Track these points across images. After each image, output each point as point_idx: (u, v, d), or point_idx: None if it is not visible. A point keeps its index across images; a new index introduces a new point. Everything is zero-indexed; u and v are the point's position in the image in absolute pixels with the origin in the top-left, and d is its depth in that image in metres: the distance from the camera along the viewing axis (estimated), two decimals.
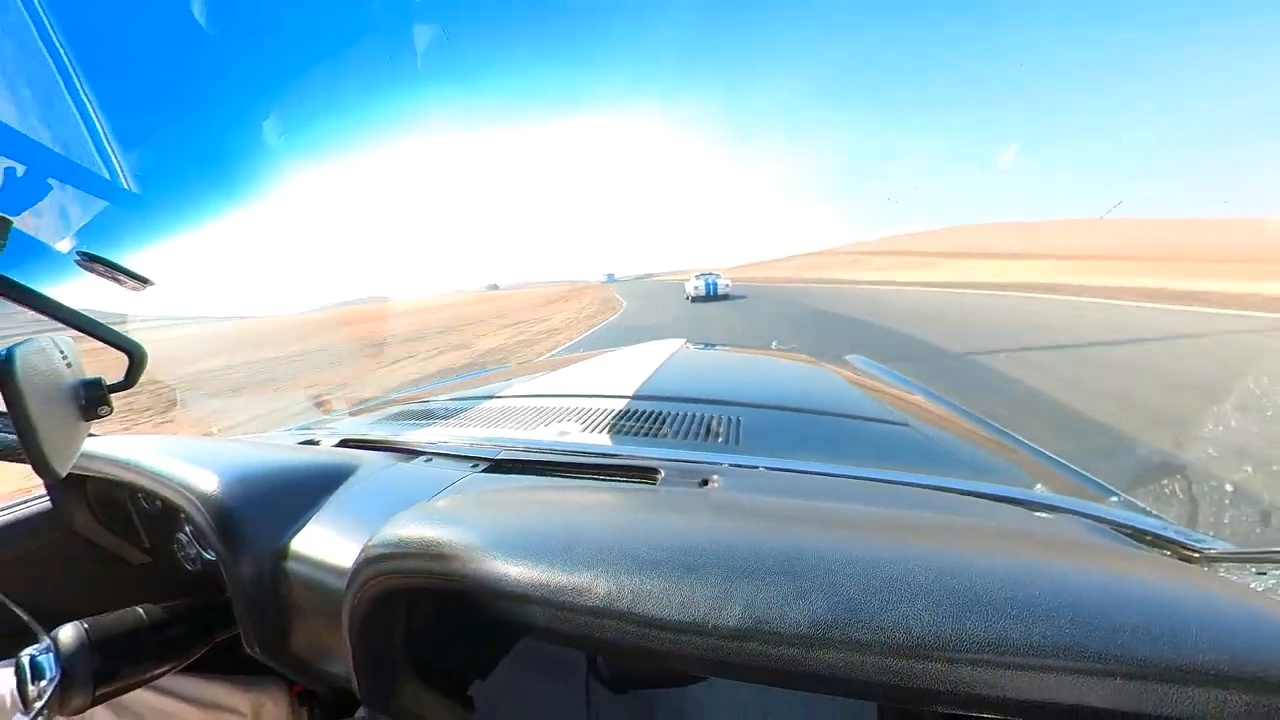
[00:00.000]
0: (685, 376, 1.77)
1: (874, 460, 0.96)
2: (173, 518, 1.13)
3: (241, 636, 0.88)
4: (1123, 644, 0.37)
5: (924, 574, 0.44)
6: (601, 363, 1.97)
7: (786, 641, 0.42)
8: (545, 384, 1.72)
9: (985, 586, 0.42)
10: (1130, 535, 0.74)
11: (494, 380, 2.03)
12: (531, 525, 0.62)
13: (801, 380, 1.80)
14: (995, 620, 0.39)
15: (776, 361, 2.12)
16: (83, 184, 0.80)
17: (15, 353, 0.60)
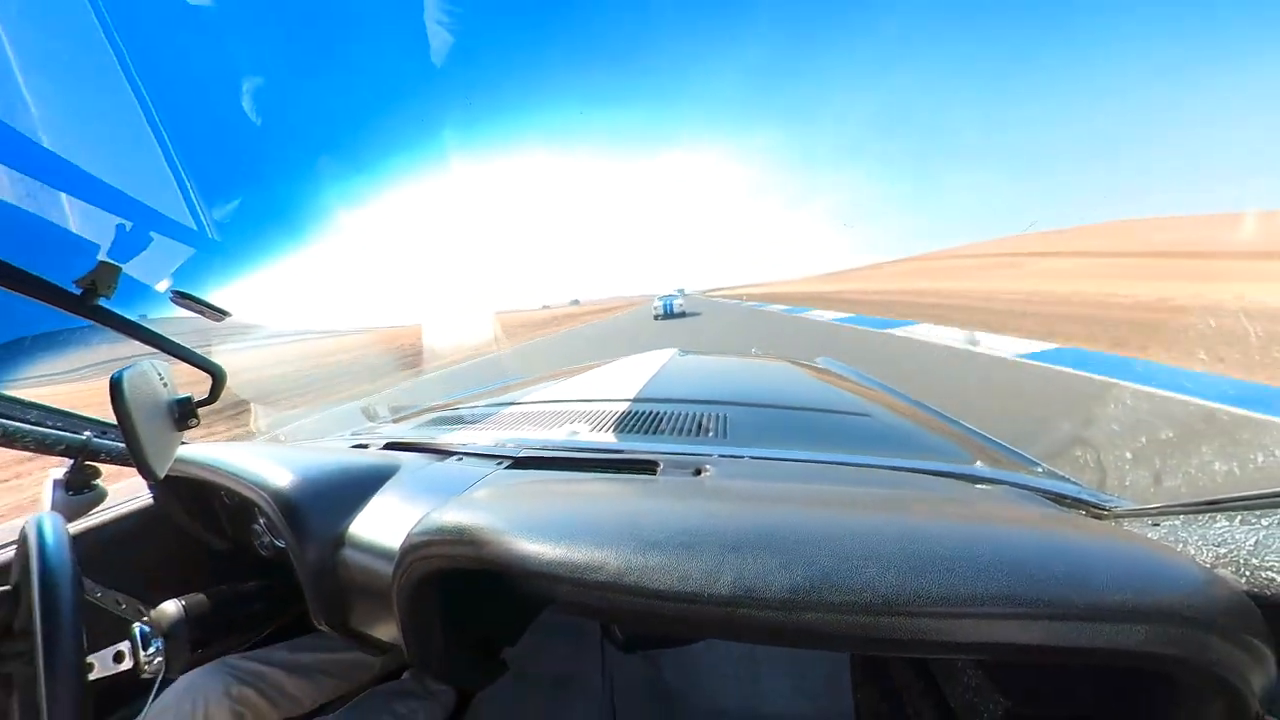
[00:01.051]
0: (678, 380, 1.78)
1: (842, 447, 0.97)
2: (249, 512, 1.13)
3: (309, 611, 0.89)
4: (1050, 591, 0.39)
5: (885, 542, 0.46)
6: (605, 371, 1.97)
7: (771, 606, 0.43)
8: (557, 391, 1.73)
9: (936, 549, 0.44)
10: (1053, 499, 0.75)
11: (514, 389, 2.04)
12: (550, 513, 0.62)
13: (780, 380, 1.81)
14: (946, 577, 0.41)
15: (758, 365, 2.13)
16: (176, 235, 0.85)
17: (123, 376, 0.62)
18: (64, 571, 0.63)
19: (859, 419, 1.23)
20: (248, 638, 0.97)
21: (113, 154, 0.75)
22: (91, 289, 0.61)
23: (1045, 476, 0.91)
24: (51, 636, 0.58)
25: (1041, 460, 1.03)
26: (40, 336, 0.90)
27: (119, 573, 0.92)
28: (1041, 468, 0.97)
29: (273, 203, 1.29)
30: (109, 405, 0.67)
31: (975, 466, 0.89)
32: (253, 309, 2.66)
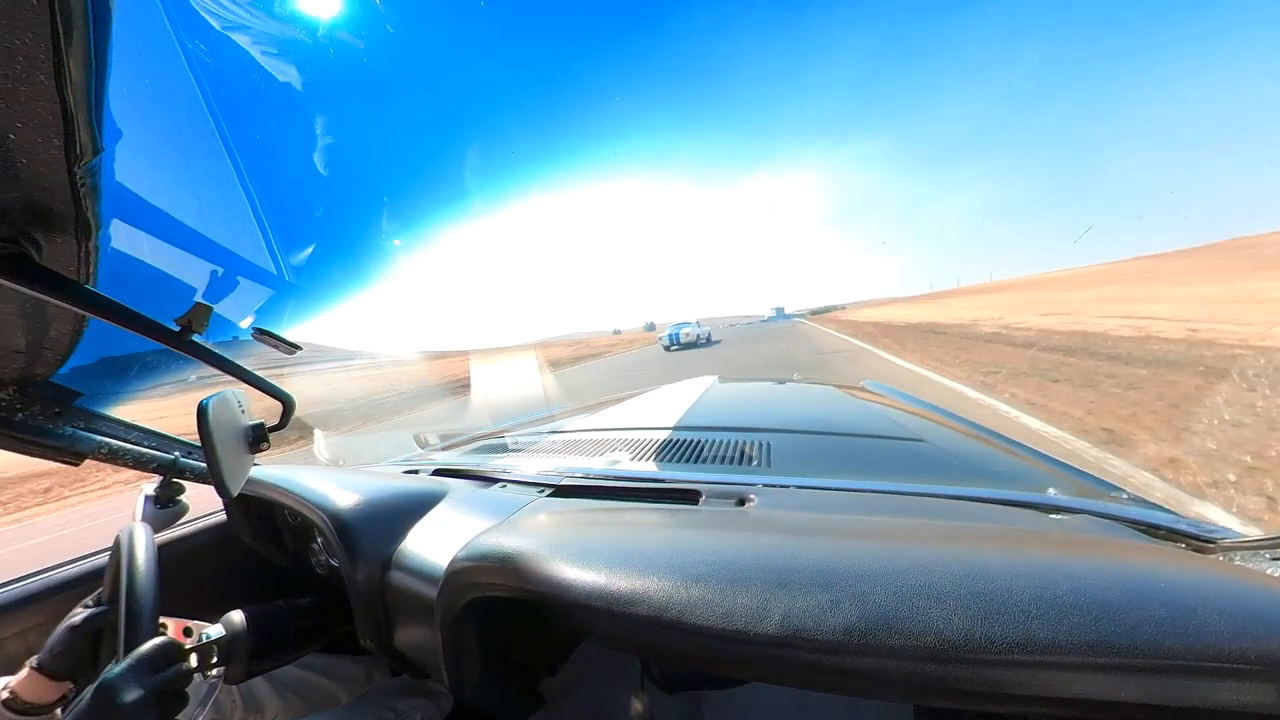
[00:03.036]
0: (720, 408, 1.74)
1: (894, 475, 0.90)
2: (309, 531, 1.19)
3: (357, 630, 0.91)
4: (1150, 638, 0.33)
5: (949, 580, 0.41)
6: (646, 399, 1.97)
7: (823, 649, 0.39)
8: (599, 420, 1.73)
9: (1008, 588, 0.39)
10: (1143, 530, 0.66)
11: (557, 418, 2.07)
12: (591, 543, 0.61)
13: (825, 406, 1.73)
14: (1021, 620, 0.36)
15: (800, 390, 2.05)
16: (258, 279, 0.98)
17: (208, 404, 0.68)
18: (148, 578, 0.70)
19: (912, 444, 1.15)
20: (300, 653, 1.00)
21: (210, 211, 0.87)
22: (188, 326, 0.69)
23: (1132, 504, 0.80)
24: (132, 630, 0.65)
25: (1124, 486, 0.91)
26: (144, 366, 1.02)
27: (193, 581, 0.98)
28: (1126, 494, 0.86)
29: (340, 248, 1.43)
30: (174, 413, 0.75)
31: (1048, 494, 0.79)
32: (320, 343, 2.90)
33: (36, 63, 0.29)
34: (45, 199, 0.43)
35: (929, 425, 1.38)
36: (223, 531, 1.36)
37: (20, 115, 0.33)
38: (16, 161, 0.38)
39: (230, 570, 1.36)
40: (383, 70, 1.41)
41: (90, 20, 0.28)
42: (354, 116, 1.50)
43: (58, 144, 0.36)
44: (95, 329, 0.77)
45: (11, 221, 0.45)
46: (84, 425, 1.02)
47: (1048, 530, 0.65)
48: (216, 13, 0.84)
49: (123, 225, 0.63)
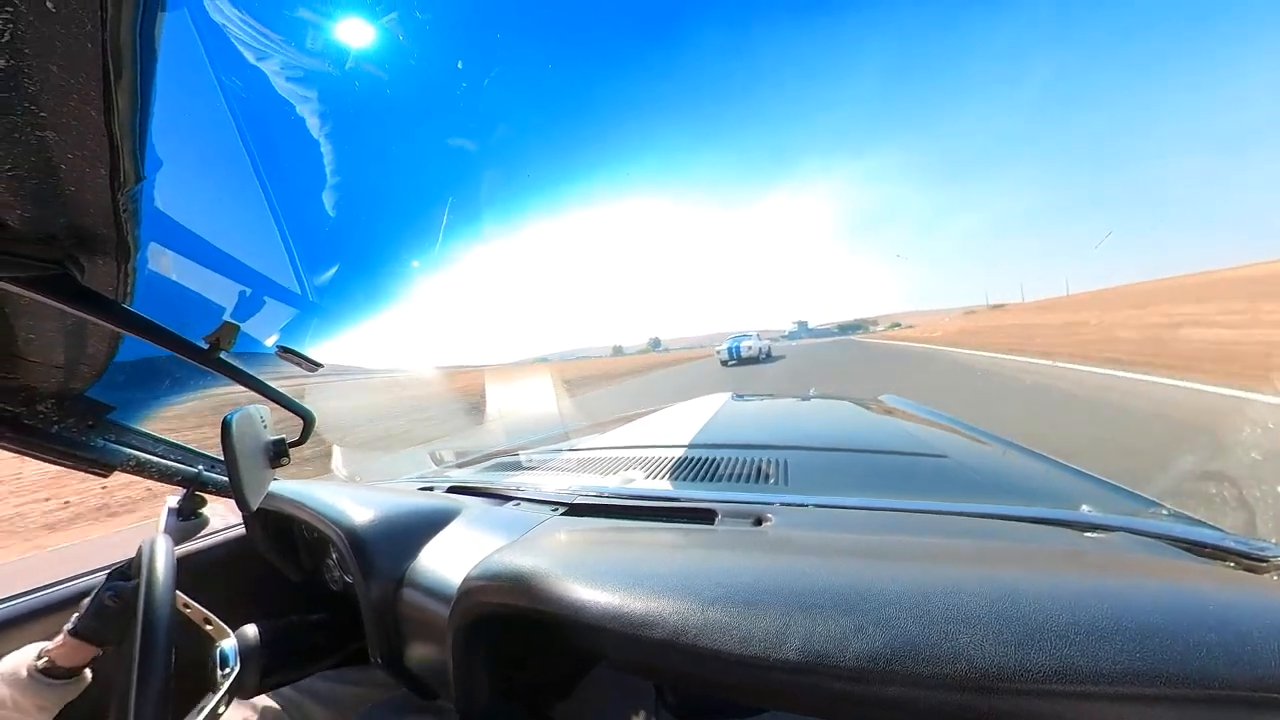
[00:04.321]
0: (735, 425, 1.72)
1: (917, 492, 0.88)
2: (324, 546, 1.20)
3: (368, 648, 0.91)
4: (1199, 665, 0.30)
5: (979, 603, 0.39)
6: (659, 417, 1.96)
7: (846, 676, 0.38)
8: (613, 438, 1.73)
9: (1043, 612, 0.37)
10: (1187, 548, 0.62)
11: (571, 436, 2.07)
12: (604, 563, 0.60)
13: (842, 421, 1.69)
14: (1059, 647, 0.34)
15: (817, 406, 2.01)
16: (284, 299, 1.03)
17: (232, 419, 0.70)
18: (166, 589, 0.74)
19: (935, 460, 1.12)
20: (312, 669, 1.00)
21: (240, 234, 0.93)
22: (216, 344, 0.71)
23: (1173, 520, 0.76)
24: (148, 639, 0.67)
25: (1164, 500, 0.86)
26: (174, 382, 1.06)
27: (211, 593, 0.99)
28: (1166, 509, 0.81)
29: (362, 269, 1.49)
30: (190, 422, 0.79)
31: (1082, 511, 0.75)
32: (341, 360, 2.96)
33: (88, 99, 0.31)
34: (90, 223, 0.46)
35: (951, 439, 1.34)
36: (241, 545, 1.38)
37: (71, 146, 0.35)
38: (66, 189, 0.40)
39: (247, 584, 1.37)
40: (405, 98, 1.50)
41: (138, 60, 0.30)
42: (377, 144, 1.58)
43: (104, 172, 0.39)
44: (129, 345, 0.80)
45: (58, 244, 0.48)
46: (114, 438, 1.05)
47: (1083, 550, 0.62)
48: (252, 46, 0.90)
49: (159, 248, 0.67)
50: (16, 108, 0.31)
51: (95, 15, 0.26)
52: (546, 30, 49.14)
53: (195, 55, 0.67)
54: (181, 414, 1.16)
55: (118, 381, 0.95)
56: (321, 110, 1.03)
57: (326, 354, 1.05)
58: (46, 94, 0.30)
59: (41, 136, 0.34)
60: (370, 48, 1.19)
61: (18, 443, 0.90)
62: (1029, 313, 45.66)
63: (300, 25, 0.99)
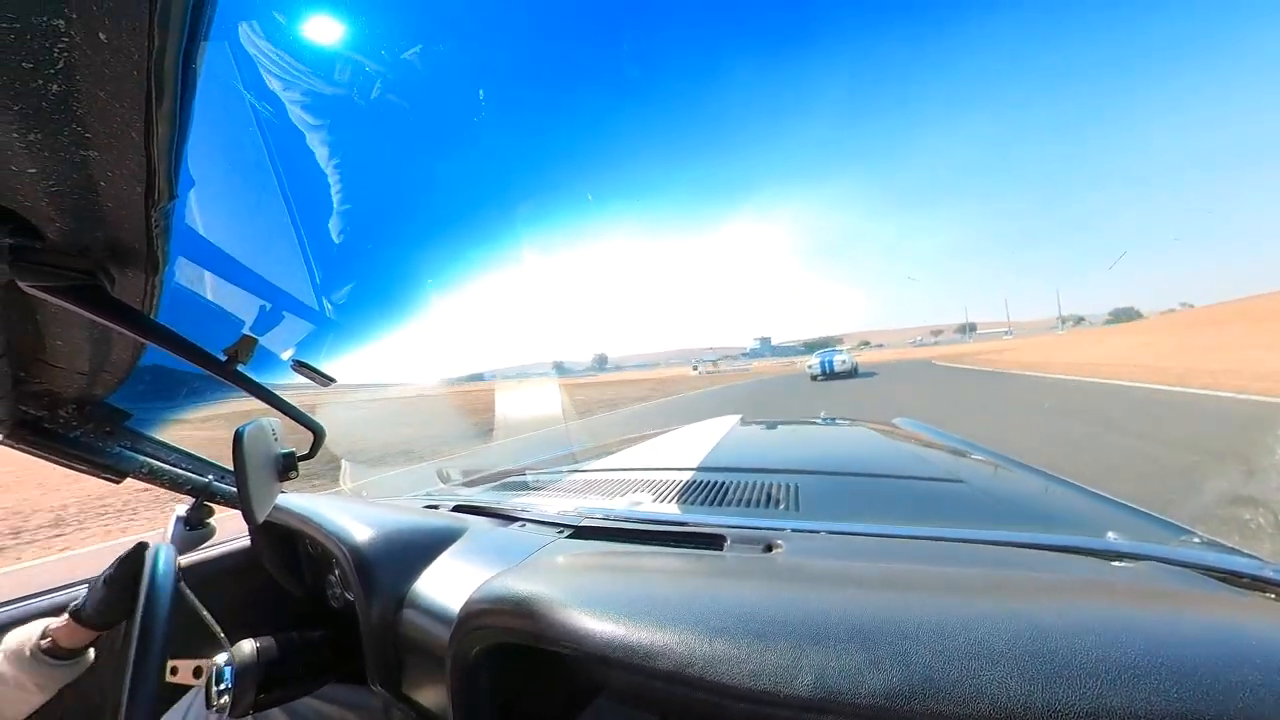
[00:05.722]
0: (744, 449, 1.70)
1: (933, 519, 0.85)
2: (327, 562, 1.20)
3: (366, 669, 0.89)
4: (1243, 706, 0.28)
5: (1002, 637, 0.37)
6: (667, 440, 1.94)
7: (861, 713, 0.36)
8: (620, 459, 1.71)
9: (1072, 647, 0.35)
10: (1223, 579, 0.58)
11: (578, 456, 2.06)
12: (609, 590, 0.59)
13: (854, 446, 1.66)
14: (1089, 684, 0.32)
15: (828, 430, 1.97)
16: (301, 314, 1.06)
17: (244, 431, 0.71)
18: (164, 598, 0.76)
19: (951, 485, 1.08)
20: (309, 689, 0.99)
21: (263, 251, 0.96)
22: (234, 356, 0.73)
23: (1207, 548, 0.72)
24: (143, 642, 0.70)
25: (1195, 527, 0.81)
26: (190, 392, 1.09)
27: (212, 604, 0.99)
28: (1199, 537, 0.77)
29: (376, 288, 1.56)
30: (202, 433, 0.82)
31: (1108, 539, 0.72)
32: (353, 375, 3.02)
33: (130, 122, 0.33)
34: (123, 238, 0.48)
35: (968, 464, 1.30)
36: (245, 557, 1.38)
37: (112, 166, 0.37)
38: (104, 205, 0.42)
39: (249, 596, 1.37)
40: (417, 129, 1.61)
41: (178, 86, 0.32)
42: (391, 171, 1.67)
43: (140, 190, 0.41)
44: (149, 355, 0.83)
45: (92, 257, 0.50)
46: (130, 445, 1.07)
47: (1111, 580, 0.59)
48: (281, 75, 0.96)
49: (185, 262, 0.70)
50: (64, 129, 0.33)
51: (143, 45, 0.28)
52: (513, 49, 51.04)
53: (230, 82, 0.72)
54: (195, 424, 1.18)
55: (136, 390, 0.97)
56: (343, 137, 1.09)
57: (340, 369, 1.07)
58: (92, 116, 0.32)
59: (85, 155, 0.36)
60: (392, 78, 1.26)
61: (38, 446, 0.92)
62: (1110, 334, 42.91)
63: (326, 57, 1.06)
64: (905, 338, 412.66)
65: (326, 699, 1.13)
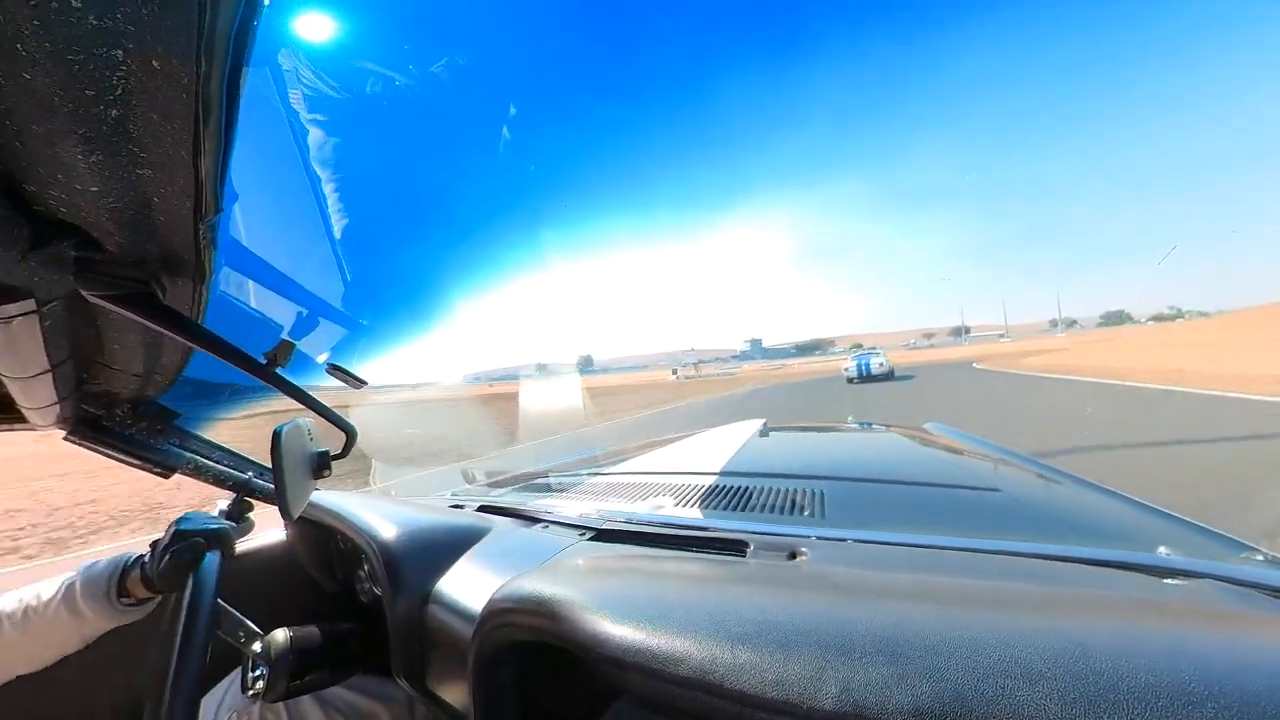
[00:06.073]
0: (768, 453, 1.68)
1: (966, 529, 0.81)
2: (357, 558, 1.24)
3: (392, 663, 0.92)
4: None
5: (1040, 656, 0.35)
6: (690, 443, 1.93)
7: None
8: (643, 462, 1.71)
9: (1118, 670, 0.33)
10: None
11: (600, 459, 2.07)
12: (629, 594, 0.59)
13: (882, 451, 1.61)
14: (1138, 711, 0.30)
15: (855, 435, 1.92)
16: (335, 319, 1.11)
17: (282, 431, 0.75)
18: (210, 592, 0.82)
19: (986, 494, 1.04)
20: (338, 678, 1.03)
21: (301, 261, 1.02)
22: (273, 360, 0.77)
23: (1269, 565, 0.67)
24: (190, 623, 0.76)
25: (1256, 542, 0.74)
26: (232, 393, 1.15)
27: (248, 596, 1.04)
28: (1263, 554, 0.71)
29: (403, 295, 1.63)
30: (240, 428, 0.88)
31: (1159, 554, 0.67)
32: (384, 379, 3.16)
33: (181, 142, 0.36)
34: (174, 249, 0.52)
35: (1004, 472, 1.25)
36: (281, 551, 1.44)
37: (164, 183, 0.40)
38: (157, 219, 0.45)
39: (284, 588, 1.43)
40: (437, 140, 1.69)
41: (223, 107, 0.34)
42: (418, 181, 1.74)
43: (189, 205, 0.43)
44: (197, 358, 0.88)
45: (146, 267, 0.54)
46: (178, 443, 1.14)
47: (1162, 599, 0.56)
48: (315, 94, 1.02)
49: (229, 271, 0.74)
50: (122, 150, 0.35)
51: (192, 71, 0.30)
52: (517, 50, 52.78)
53: (269, 101, 0.77)
54: (236, 423, 1.25)
55: (184, 391, 1.03)
56: (371, 151, 1.15)
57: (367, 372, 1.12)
58: (147, 138, 0.35)
59: (140, 174, 0.38)
60: (409, 92, 1.32)
61: (97, 441, 0.99)
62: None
63: (356, 75, 1.13)
64: (897, 340, 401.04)
65: (355, 689, 1.18)
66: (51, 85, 0.29)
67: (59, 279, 0.48)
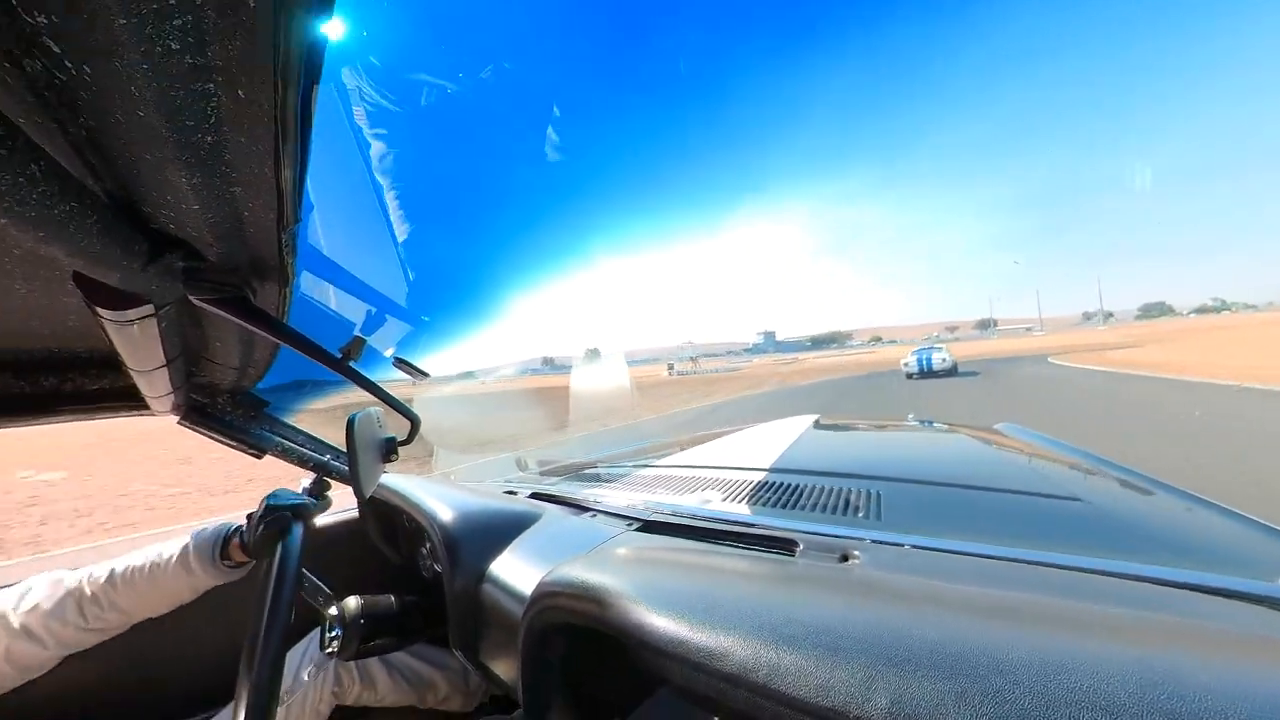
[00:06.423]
0: (820, 450, 1.61)
1: (1040, 541, 0.74)
2: (420, 536, 1.34)
3: (449, 635, 0.99)
4: None
5: (1124, 688, 0.32)
6: (739, 438, 1.90)
7: None
8: (691, 456, 1.71)
9: (1220, 713, 0.29)
10: None
11: (649, 452, 2.09)
12: (674, 586, 0.60)
13: (947, 452, 1.51)
14: None
15: (916, 434, 1.79)
16: (400, 316, 1.22)
17: (355, 418, 0.82)
18: (294, 559, 0.91)
19: (1066, 503, 0.94)
20: (403, 644, 1.15)
21: (368, 263, 1.12)
22: (346, 354, 0.84)
23: None
24: (276, 594, 0.85)
25: None
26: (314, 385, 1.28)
27: (325, 566, 1.16)
28: None
29: (466, 293, 1.74)
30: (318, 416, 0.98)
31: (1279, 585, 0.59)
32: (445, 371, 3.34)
33: (264, 160, 0.39)
34: (262, 256, 0.57)
35: (1088, 479, 1.13)
36: (354, 527, 1.59)
37: (251, 198, 0.45)
38: (247, 231, 0.51)
39: (356, 560, 1.58)
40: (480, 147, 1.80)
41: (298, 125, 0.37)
42: (469, 189, 1.84)
43: (272, 217, 0.48)
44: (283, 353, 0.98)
45: (240, 274, 0.60)
46: (269, 428, 1.27)
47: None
48: (375, 107, 1.10)
49: (308, 275, 0.82)
50: (217, 172, 0.40)
51: (270, 95, 0.33)
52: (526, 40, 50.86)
53: (336, 117, 0.84)
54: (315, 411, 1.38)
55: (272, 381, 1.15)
56: (429, 159, 1.22)
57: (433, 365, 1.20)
58: (236, 159, 0.39)
59: (232, 192, 0.43)
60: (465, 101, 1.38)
61: (204, 425, 1.13)
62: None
63: (414, 87, 1.20)
64: (918, 334, 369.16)
65: (416, 656, 1.30)
66: (160, 120, 0.33)
67: (171, 286, 0.55)
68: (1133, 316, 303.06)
